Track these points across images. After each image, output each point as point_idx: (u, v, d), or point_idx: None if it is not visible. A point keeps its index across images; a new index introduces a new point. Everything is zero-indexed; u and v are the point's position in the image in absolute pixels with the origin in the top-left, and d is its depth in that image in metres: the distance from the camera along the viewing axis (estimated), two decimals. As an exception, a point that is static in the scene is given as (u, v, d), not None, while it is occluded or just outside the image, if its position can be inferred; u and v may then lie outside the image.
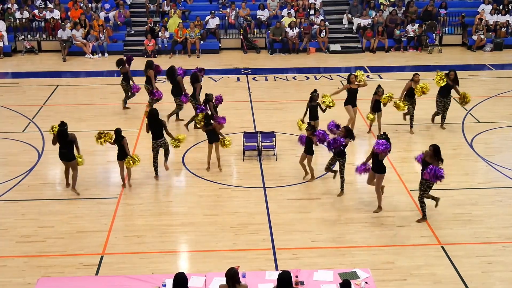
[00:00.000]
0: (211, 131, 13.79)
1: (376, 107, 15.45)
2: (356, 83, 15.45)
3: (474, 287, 10.00)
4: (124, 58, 17.96)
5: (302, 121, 14.83)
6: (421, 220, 11.94)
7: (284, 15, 25.23)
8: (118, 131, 12.95)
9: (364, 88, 15.72)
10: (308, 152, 13.36)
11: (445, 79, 15.67)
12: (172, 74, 16.53)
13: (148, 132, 13.51)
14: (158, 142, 13.44)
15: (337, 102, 15.20)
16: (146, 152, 14.08)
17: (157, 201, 12.93)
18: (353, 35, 25.45)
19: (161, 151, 13.64)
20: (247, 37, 24.68)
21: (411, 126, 16.08)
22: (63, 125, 12.75)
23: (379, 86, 15.36)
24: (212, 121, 13.89)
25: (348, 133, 12.70)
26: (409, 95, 15.68)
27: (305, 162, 13.53)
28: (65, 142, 12.80)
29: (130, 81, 17.62)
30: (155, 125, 13.37)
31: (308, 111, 14.94)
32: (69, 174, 13.22)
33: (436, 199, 11.83)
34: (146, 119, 13.57)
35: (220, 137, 13.91)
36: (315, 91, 15.01)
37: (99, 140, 13.08)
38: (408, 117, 16.07)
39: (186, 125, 16.23)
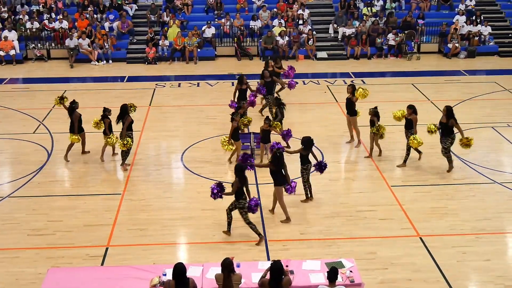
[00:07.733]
0: None
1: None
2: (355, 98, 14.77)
3: (450, 275, 10.03)
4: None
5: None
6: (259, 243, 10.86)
7: (275, 25, 25.22)
8: None
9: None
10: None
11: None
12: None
13: (117, 123, 13.74)
14: (128, 133, 13.68)
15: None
16: (148, 151, 14.04)
17: (158, 197, 12.89)
18: (339, 43, 25.46)
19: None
20: (241, 45, 24.67)
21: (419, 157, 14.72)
22: None
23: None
24: None
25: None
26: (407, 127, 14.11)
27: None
28: None
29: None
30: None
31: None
32: None
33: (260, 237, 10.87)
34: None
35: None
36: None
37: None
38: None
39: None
